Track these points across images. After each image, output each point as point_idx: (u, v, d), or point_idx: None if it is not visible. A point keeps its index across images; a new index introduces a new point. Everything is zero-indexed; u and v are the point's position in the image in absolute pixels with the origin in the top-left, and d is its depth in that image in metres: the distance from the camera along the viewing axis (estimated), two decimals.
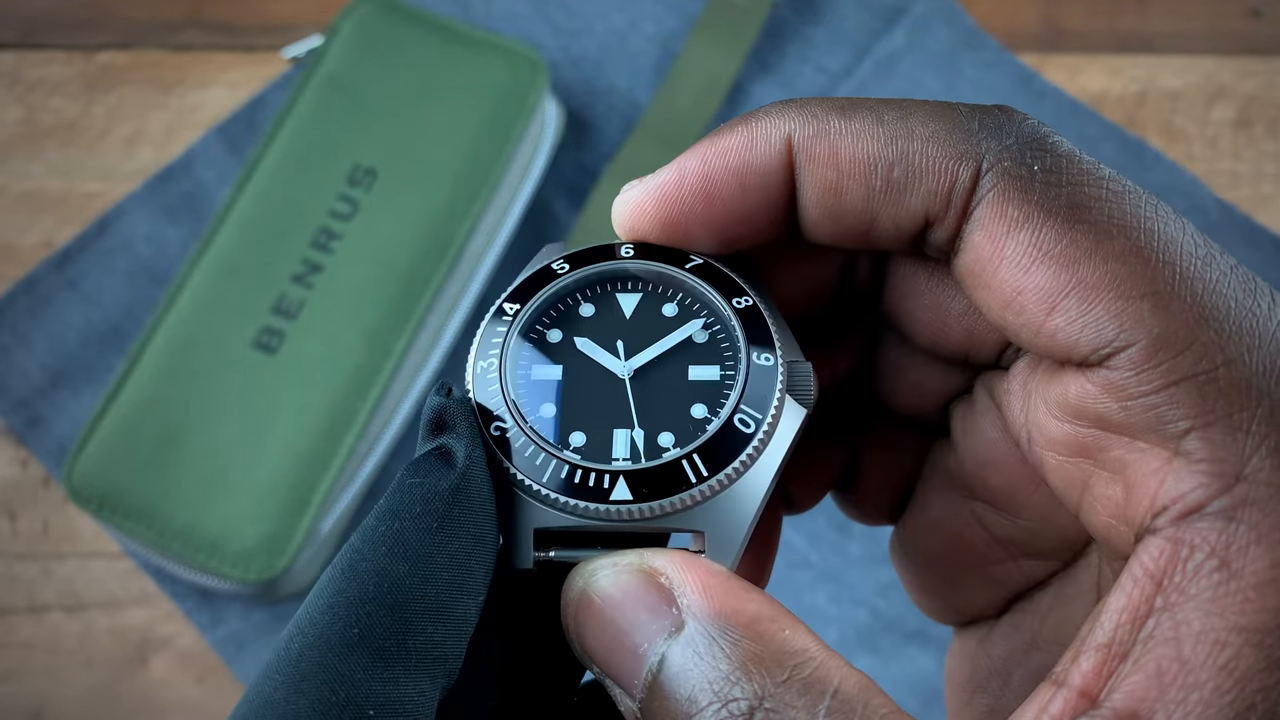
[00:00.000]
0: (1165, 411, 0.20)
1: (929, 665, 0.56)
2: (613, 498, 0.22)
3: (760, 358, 0.23)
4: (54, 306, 0.61)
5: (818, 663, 0.20)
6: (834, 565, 0.58)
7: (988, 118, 0.22)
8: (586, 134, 0.65)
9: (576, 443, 0.23)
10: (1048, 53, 0.67)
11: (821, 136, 0.23)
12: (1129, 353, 0.20)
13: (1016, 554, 0.26)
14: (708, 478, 0.22)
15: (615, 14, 0.67)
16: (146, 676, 0.56)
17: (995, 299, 0.22)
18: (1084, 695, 0.20)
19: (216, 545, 0.52)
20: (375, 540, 0.20)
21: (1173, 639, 0.19)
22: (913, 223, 0.23)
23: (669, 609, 0.21)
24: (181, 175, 0.63)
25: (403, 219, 0.57)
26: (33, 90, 0.66)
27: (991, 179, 0.21)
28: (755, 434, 0.23)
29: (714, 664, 0.20)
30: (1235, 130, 0.65)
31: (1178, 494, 0.19)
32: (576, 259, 0.25)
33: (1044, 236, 0.21)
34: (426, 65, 0.59)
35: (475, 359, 0.24)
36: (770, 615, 0.20)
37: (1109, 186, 0.21)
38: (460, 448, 0.22)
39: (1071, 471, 0.22)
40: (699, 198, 0.24)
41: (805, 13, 0.67)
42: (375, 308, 0.55)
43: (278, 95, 0.64)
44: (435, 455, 0.22)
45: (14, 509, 0.58)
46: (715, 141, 0.24)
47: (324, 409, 0.54)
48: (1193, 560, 0.19)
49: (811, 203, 0.23)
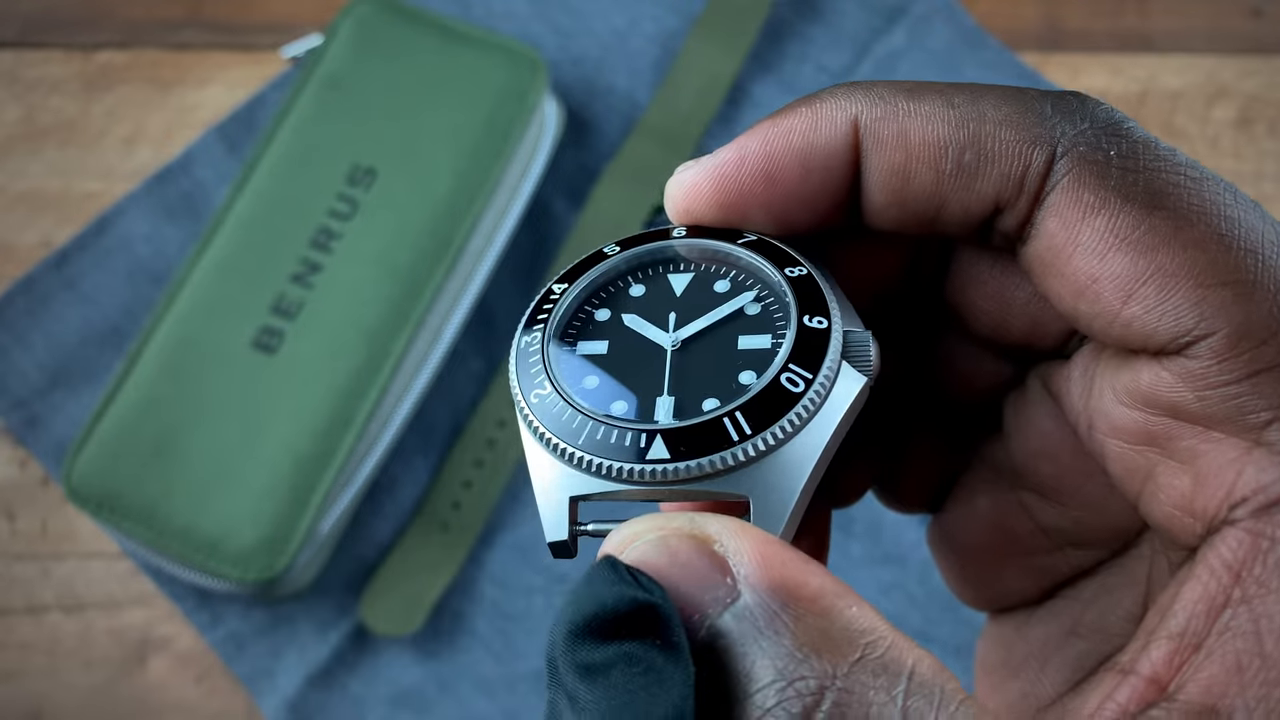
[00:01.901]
0: (1247, 402, 0.19)
1: None
2: (649, 456, 0.20)
3: (813, 321, 0.22)
4: (52, 306, 0.61)
5: (889, 642, 0.19)
6: (835, 565, 0.58)
7: (1061, 102, 0.22)
8: (586, 134, 0.64)
9: (618, 410, 0.22)
10: (1048, 52, 0.67)
11: (889, 118, 0.22)
12: (1209, 341, 0.20)
13: (1063, 544, 0.26)
14: (751, 436, 0.20)
15: (615, 14, 0.67)
16: (146, 677, 0.56)
17: (1068, 287, 0.21)
18: (1153, 683, 0.19)
19: (215, 545, 0.52)
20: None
21: (1252, 632, 0.18)
22: (982, 208, 0.22)
23: (723, 579, 0.19)
24: (180, 175, 0.63)
25: (402, 218, 0.57)
26: (31, 89, 0.65)
27: (1066, 164, 0.21)
28: (805, 394, 0.21)
29: (776, 639, 0.18)
30: (1236, 130, 0.65)
31: (1259, 485, 0.19)
32: (628, 242, 0.25)
33: (1121, 222, 0.20)
34: (426, 65, 0.59)
35: (520, 335, 0.24)
36: (835, 590, 0.19)
37: (1187, 173, 0.21)
38: (676, 667, 0.18)
39: (1135, 460, 0.22)
40: (759, 179, 0.23)
41: (805, 12, 0.67)
42: (375, 308, 0.55)
43: (277, 95, 0.64)
44: (639, 671, 0.18)
45: (12, 509, 0.58)
46: (778, 122, 0.23)
47: (323, 409, 0.54)
48: (1275, 553, 0.19)
49: (877, 187, 0.23)
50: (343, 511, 0.55)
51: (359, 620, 0.56)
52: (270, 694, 0.55)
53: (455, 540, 0.57)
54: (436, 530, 0.57)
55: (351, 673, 0.56)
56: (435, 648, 0.56)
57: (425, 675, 0.56)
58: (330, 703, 0.55)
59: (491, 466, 0.58)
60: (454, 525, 0.58)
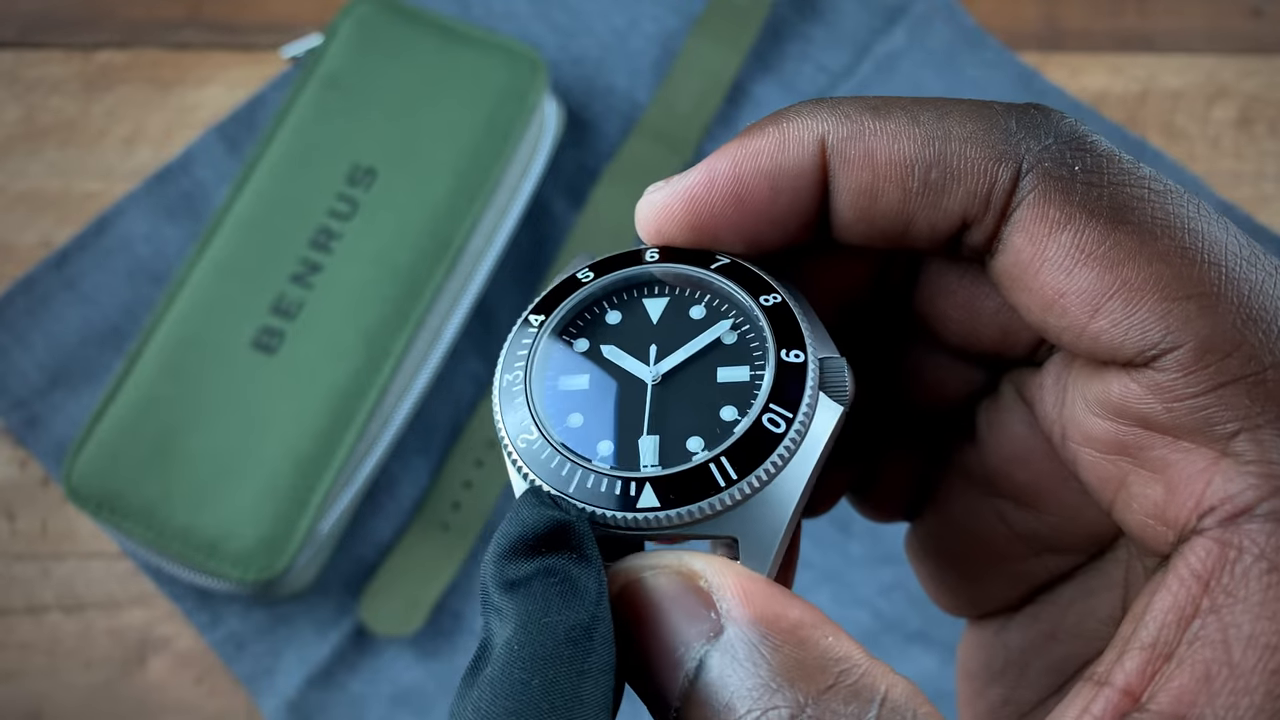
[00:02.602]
0: (1214, 413, 0.20)
1: (931, 666, 0.56)
2: (640, 505, 0.21)
3: (790, 355, 0.23)
4: (52, 306, 0.61)
5: (863, 669, 0.19)
6: (835, 565, 0.58)
7: (1025, 117, 0.22)
8: (586, 134, 0.64)
9: (604, 452, 0.23)
10: (1049, 52, 0.67)
11: (856, 138, 0.22)
12: (1176, 354, 0.20)
13: (1039, 549, 0.26)
14: (737, 480, 0.21)
15: (615, 14, 0.67)
16: (145, 677, 0.56)
17: (1036, 301, 0.21)
18: (1127, 694, 0.19)
19: (215, 546, 0.52)
20: (534, 697, 0.19)
21: (1221, 641, 0.18)
22: (949, 225, 0.22)
23: (707, 613, 0.20)
24: (180, 175, 0.63)
25: (402, 218, 0.57)
26: (31, 89, 0.65)
27: (1032, 180, 0.21)
28: (786, 434, 0.22)
29: (754, 671, 0.19)
30: (1236, 130, 0.65)
31: (1226, 495, 0.19)
32: (601, 266, 0.25)
33: (1087, 238, 0.20)
34: (426, 65, 0.59)
35: (501, 371, 0.24)
36: (812, 621, 0.20)
37: (1151, 186, 0.21)
38: (589, 574, 0.20)
39: (1107, 469, 0.22)
40: (730, 201, 0.23)
41: (805, 12, 0.67)
42: (374, 308, 0.55)
43: (277, 95, 0.64)
44: (555, 581, 0.20)
45: (13, 509, 0.58)
46: (745, 143, 0.23)
47: (323, 409, 0.54)
48: (1241, 562, 0.19)
49: (845, 205, 0.23)
50: (343, 511, 0.55)
51: (359, 620, 0.56)
52: (270, 694, 0.55)
53: (455, 540, 0.57)
54: (436, 530, 0.57)
55: (351, 672, 0.56)
56: (435, 648, 0.56)
57: (425, 675, 0.56)
58: (330, 703, 0.55)
59: (491, 466, 0.58)
60: (454, 525, 0.58)
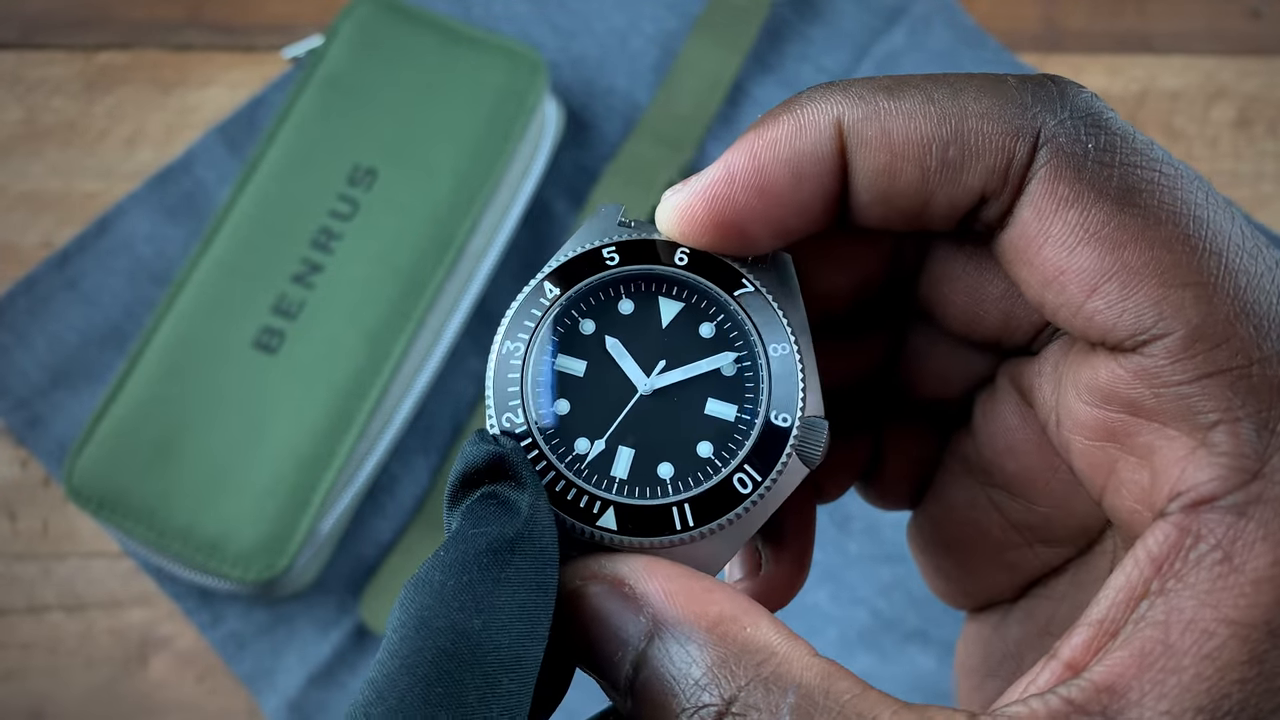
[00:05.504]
0: (1197, 402, 0.20)
1: (929, 665, 0.56)
2: (600, 523, 0.22)
3: (778, 417, 0.23)
4: (54, 306, 0.61)
5: (780, 658, 0.20)
6: (834, 564, 0.58)
7: (1041, 89, 0.22)
8: (586, 134, 0.65)
9: (580, 449, 0.23)
10: (1048, 52, 0.67)
11: (872, 119, 0.22)
12: (1166, 341, 0.20)
13: (1033, 540, 0.26)
14: (694, 527, 0.23)
15: (615, 14, 0.67)
16: (146, 676, 0.56)
17: (1036, 276, 0.22)
18: (1070, 667, 0.20)
19: (216, 545, 0.52)
20: (445, 595, 0.20)
21: (1162, 623, 0.19)
22: (969, 201, 0.22)
23: (637, 616, 0.21)
24: (181, 175, 0.63)
25: (403, 219, 0.57)
26: (33, 90, 0.66)
27: (1046, 154, 0.21)
28: (750, 495, 0.23)
29: (685, 670, 0.20)
30: (1235, 130, 0.65)
31: (1194, 483, 0.19)
32: (628, 251, 0.25)
33: (1092, 217, 0.21)
34: (426, 65, 0.59)
35: (503, 339, 0.24)
36: (732, 614, 0.20)
37: (1162, 170, 0.21)
38: (523, 496, 0.21)
39: (1098, 455, 0.22)
40: (752, 193, 0.23)
41: (805, 12, 0.67)
42: (375, 308, 0.55)
43: (278, 95, 0.64)
44: (493, 503, 0.21)
45: (14, 509, 0.58)
46: (762, 133, 0.23)
47: (324, 409, 0.54)
48: (1196, 550, 0.19)
49: (864, 187, 0.23)
50: (343, 511, 0.55)
51: (359, 619, 0.56)
52: (271, 693, 0.55)
53: None
54: (437, 530, 0.58)
55: (352, 672, 0.56)
56: None
57: None
58: (331, 702, 0.55)
59: None
60: None
